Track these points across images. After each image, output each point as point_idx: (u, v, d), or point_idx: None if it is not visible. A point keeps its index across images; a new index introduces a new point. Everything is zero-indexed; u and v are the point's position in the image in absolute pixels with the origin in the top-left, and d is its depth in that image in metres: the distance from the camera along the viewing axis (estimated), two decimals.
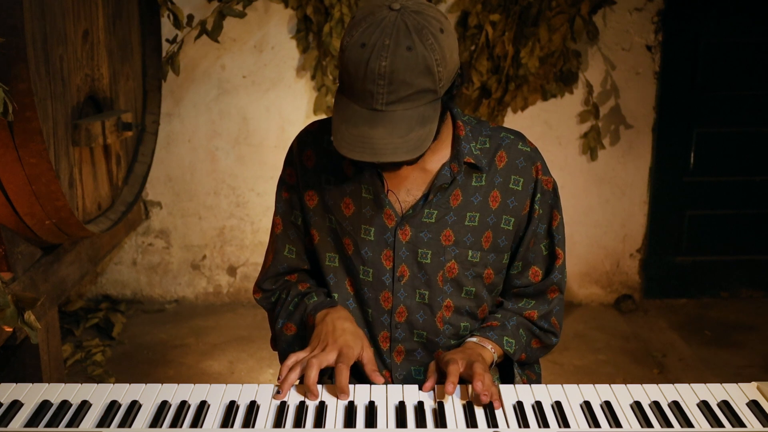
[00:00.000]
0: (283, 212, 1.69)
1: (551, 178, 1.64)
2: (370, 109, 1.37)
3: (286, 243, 1.70)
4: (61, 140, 2.34)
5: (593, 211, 3.96)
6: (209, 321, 3.84)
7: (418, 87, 1.36)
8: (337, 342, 1.49)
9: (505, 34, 3.57)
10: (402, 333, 1.63)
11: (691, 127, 3.87)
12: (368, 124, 1.37)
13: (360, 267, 1.61)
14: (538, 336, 1.66)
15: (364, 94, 1.36)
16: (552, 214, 1.64)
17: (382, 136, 1.37)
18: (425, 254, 1.59)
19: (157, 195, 3.92)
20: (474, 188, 1.58)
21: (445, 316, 1.63)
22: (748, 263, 4.05)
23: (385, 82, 1.34)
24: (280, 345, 1.70)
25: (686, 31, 3.75)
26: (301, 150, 1.65)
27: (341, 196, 1.61)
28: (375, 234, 1.59)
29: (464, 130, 1.57)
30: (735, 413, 1.38)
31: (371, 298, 1.62)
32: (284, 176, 1.68)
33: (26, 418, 1.36)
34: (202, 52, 3.70)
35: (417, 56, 1.35)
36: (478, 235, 1.59)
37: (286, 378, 1.45)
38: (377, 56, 1.34)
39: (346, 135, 1.39)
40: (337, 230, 1.62)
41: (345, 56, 1.38)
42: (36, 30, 2.11)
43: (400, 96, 1.36)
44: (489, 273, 1.63)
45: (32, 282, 2.38)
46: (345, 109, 1.40)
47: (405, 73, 1.35)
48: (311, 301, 1.63)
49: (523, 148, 1.61)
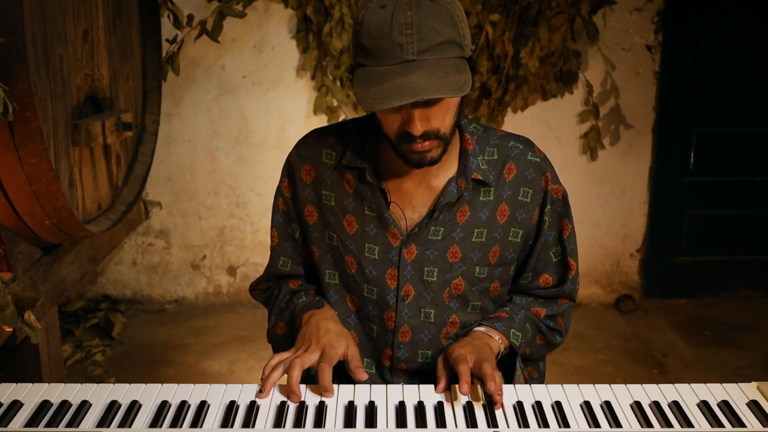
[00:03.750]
0: (279, 225, 1.68)
1: (561, 186, 1.61)
2: (402, 62, 1.32)
3: (280, 256, 1.69)
4: (61, 140, 2.34)
5: (593, 211, 3.96)
6: (209, 321, 3.84)
7: (446, 36, 1.33)
8: (320, 342, 1.48)
9: (505, 34, 3.57)
10: (405, 353, 1.61)
11: (691, 127, 3.87)
12: (402, 74, 1.31)
13: (364, 285, 1.59)
14: (543, 332, 1.65)
15: (393, 48, 1.32)
16: (562, 222, 1.61)
17: (420, 79, 1.31)
18: (431, 272, 1.56)
19: (157, 195, 3.92)
20: (482, 203, 1.55)
21: (449, 332, 1.61)
22: (748, 263, 4.05)
23: (414, 31, 1.31)
24: (273, 343, 1.72)
25: (686, 31, 3.74)
26: (299, 165, 1.61)
27: (343, 214, 1.58)
28: (379, 253, 1.57)
29: (471, 143, 1.54)
30: (735, 413, 1.38)
31: (375, 316, 1.61)
32: (281, 187, 1.66)
33: (26, 418, 1.36)
34: (202, 52, 3.70)
35: (440, 6, 1.34)
36: (485, 250, 1.57)
37: (269, 377, 1.44)
38: (401, 9, 1.32)
39: (377, 92, 1.32)
40: (339, 248, 1.60)
41: (365, 23, 1.35)
42: (36, 30, 2.11)
43: (430, 44, 1.32)
44: (495, 286, 1.62)
45: (32, 282, 2.38)
46: (370, 75, 1.34)
47: (432, 20, 1.32)
48: (300, 301, 1.62)
49: (532, 159, 1.58)
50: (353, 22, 1.39)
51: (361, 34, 1.35)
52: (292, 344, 1.60)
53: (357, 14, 1.38)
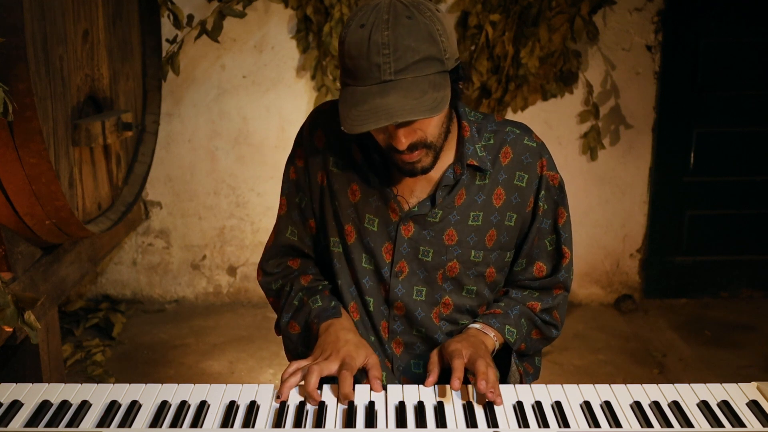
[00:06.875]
0: (288, 193, 1.68)
1: (557, 173, 1.62)
2: (380, 82, 1.33)
3: (288, 224, 1.70)
4: (61, 140, 2.34)
5: (593, 211, 3.96)
6: (209, 321, 3.84)
7: (424, 53, 1.34)
8: (339, 352, 1.49)
9: (505, 34, 3.57)
10: (401, 326, 1.63)
11: (691, 127, 3.87)
12: (379, 95, 1.33)
13: (362, 255, 1.61)
14: (539, 327, 1.66)
15: (371, 69, 1.33)
16: (558, 210, 1.62)
17: (395, 101, 1.33)
18: (427, 252, 1.58)
19: (157, 195, 3.92)
20: (477, 187, 1.57)
21: (442, 312, 1.62)
22: (748, 263, 4.05)
23: (390, 51, 1.32)
24: (286, 343, 1.71)
25: (686, 31, 3.75)
26: (311, 129, 1.63)
27: (348, 182, 1.60)
28: (379, 225, 1.58)
29: (469, 130, 1.56)
30: (735, 413, 1.38)
31: (372, 288, 1.62)
32: (293, 156, 1.67)
33: (26, 418, 1.36)
34: (202, 52, 3.70)
35: (418, 23, 1.34)
36: (481, 234, 1.58)
37: (286, 382, 1.44)
38: (378, 29, 1.33)
39: (356, 114, 1.35)
40: (339, 215, 1.61)
41: (346, 42, 1.36)
42: (36, 30, 2.11)
43: (407, 62, 1.33)
44: (491, 272, 1.62)
45: (32, 282, 2.38)
46: (352, 95, 1.36)
47: (409, 38, 1.33)
48: (315, 306, 1.61)
49: (528, 143, 1.60)
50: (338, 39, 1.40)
51: (342, 54, 1.37)
52: (306, 346, 1.61)
53: (341, 33, 1.39)
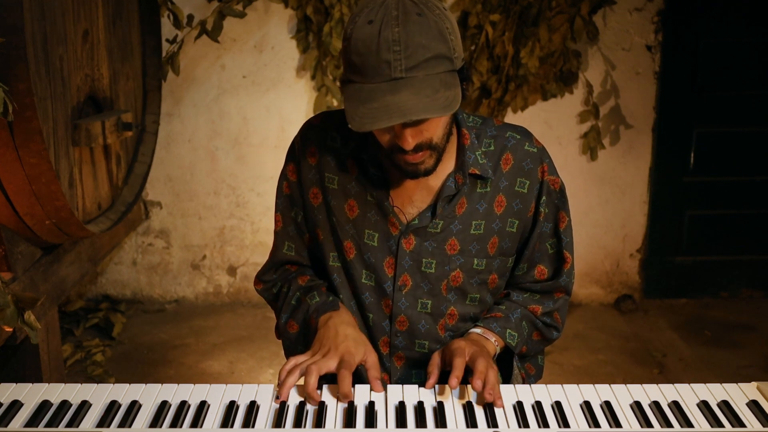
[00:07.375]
0: (283, 208, 1.67)
1: (558, 178, 1.61)
2: (390, 79, 1.31)
3: (285, 240, 1.69)
4: (61, 140, 2.34)
5: (593, 211, 3.96)
6: (209, 321, 3.85)
7: (434, 51, 1.32)
8: (338, 348, 1.47)
9: (505, 34, 3.57)
10: (403, 341, 1.62)
11: (691, 127, 3.87)
12: (390, 93, 1.30)
13: (363, 271, 1.59)
14: (539, 329, 1.65)
15: (381, 66, 1.30)
16: (558, 214, 1.62)
17: (408, 99, 1.29)
18: (429, 264, 1.57)
19: (157, 195, 3.92)
20: (479, 195, 1.56)
21: (448, 323, 1.62)
22: (748, 263, 4.05)
23: (402, 48, 1.30)
24: (285, 342, 1.70)
25: (686, 31, 3.75)
26: (304, 145, 1.61)
27: (345, 197, 1.58)
28: (379, 240, 1.57)
29: (469, 137, 1.54)
30: (735, 413, 1.38)
31: (373, 303, 1.61)
32: (286, 171, 1.65)
33: (26, 418, 1.36)
34: (202, 52, 3.70)
35: (428, 21, 1.32)
36: (483, 242, 1.57)
37: (285, 381, 1.43)
38: (388, 25, 1.30)
39: (365, 111, 1.31)
40: (338, 232, 1.60)
41: (353, 39, 1.33)
42: (36, 30, 2.11)
43: (418, 60, 1.31)
44: (494, 278, 1.62)
45: (32, 282, 2.38)
46: (359, 92, 1.33)
47: (420, 35, 1.30)
48: (313, 302, 1.60)
49: (529, 149, 1.58)
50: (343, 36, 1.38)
51: (349, 51, 1.34)
52: (306, 344, 1.60)
53: (345, 28, 1.37)
